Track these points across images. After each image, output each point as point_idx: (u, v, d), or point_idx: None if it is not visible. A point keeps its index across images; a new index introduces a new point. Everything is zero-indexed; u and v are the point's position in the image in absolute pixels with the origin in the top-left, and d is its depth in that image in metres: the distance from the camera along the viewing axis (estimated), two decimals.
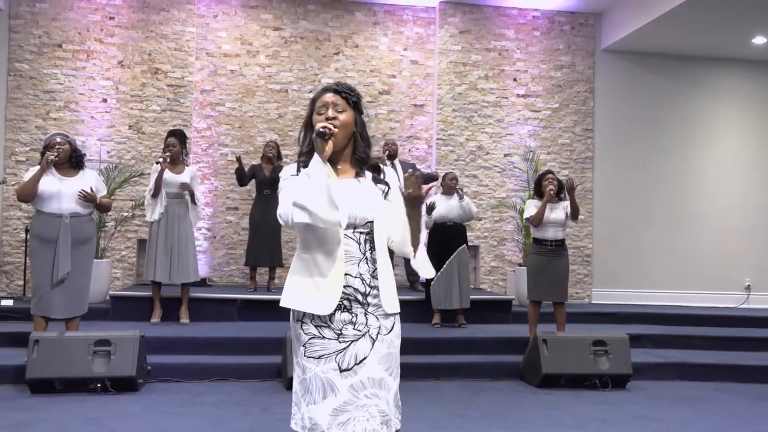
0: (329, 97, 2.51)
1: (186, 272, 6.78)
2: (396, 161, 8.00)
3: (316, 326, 2.43)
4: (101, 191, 5.56)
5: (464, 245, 7.22)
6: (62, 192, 5.32)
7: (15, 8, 8.43)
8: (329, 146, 2.39)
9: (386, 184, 2.57)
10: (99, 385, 5.17)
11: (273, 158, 7.78)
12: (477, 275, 9.18)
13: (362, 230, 2.46)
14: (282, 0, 9.05)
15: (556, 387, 5.77)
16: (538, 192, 6.52)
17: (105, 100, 8.60)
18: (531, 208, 6.50)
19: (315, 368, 2.42)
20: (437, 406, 5.11)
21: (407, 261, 8.07)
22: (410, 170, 2.54)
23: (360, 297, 2.44)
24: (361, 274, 2.44)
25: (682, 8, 7.93)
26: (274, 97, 9.00)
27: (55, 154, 5.29)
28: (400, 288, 2.59)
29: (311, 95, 8.78)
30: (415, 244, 2.53)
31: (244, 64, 8.96)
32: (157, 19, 8.70)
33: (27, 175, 5.39)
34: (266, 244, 7.78)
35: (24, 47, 8.44)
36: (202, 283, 8.41)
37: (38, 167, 5.34)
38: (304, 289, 2.45)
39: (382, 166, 2.62)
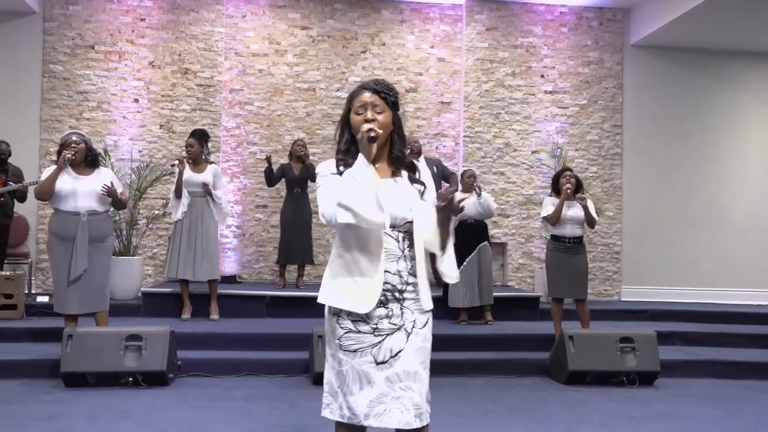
0: (368, 96, 2.50)
1: (209, 269, 6.87)
2: (421, 158, 8.01)
3: (352, 321, 2.47)
4: (118, 188, 5.62)
5: (485, 242, 7.22)
6: (79, 190, 5.39)
7: (49, 11, 8.61)
8: (374, 148, 2.42)
9: (422, 183, 2.59)
10: (130, 379, 5.28)
11: (303, 156, 7.84)
12: (505, 272, 9.16)
13: (401, 229, 2.49)
14: None
15: (582, 384, 5.75)
16: (556, 189, 6.50)
17: (136, 100, 8.74)
18: (548, 206, 6.48)
19: (351, 361, 2.46)
20: (464, 402, 5.13)
21: (433, 261, 8.13)
22: (448, 186, 2.56)
23: (397, 293, 2.47)
24: (399, 270, 2.48)
25: (712, 1, 7.84)
26: (301, 95, 9.08)
27: (72, 152, 5.37)
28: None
29: (338, 93, 8.88)
30: (443, 247, 2.55)
31: (272, 64, 9.05)
32: (187, 19, 8.82)
33: (44, 174, 5.47)
34: (297, 241, 7.85)
35: (58, 49, 8.62)
36: (232, 280, 8.53)
37: (53, 166, 5.44)
38: (343, 286, 2.48)
39: (416, 163, 2.64)
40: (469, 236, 7.13)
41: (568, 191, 6.33)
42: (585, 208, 6.33)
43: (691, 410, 5.08)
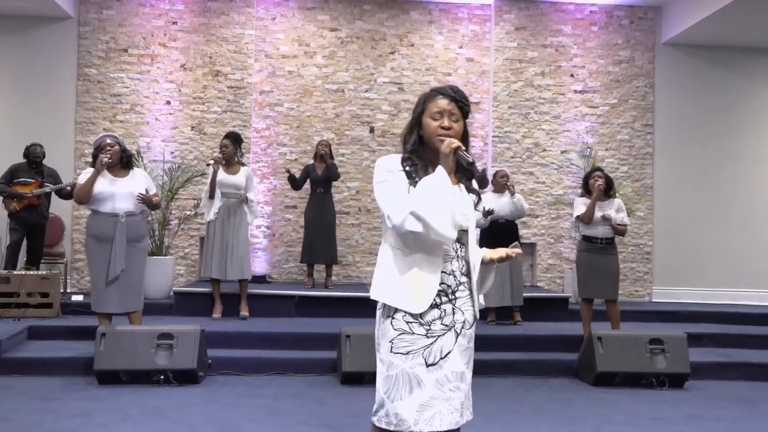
0: (445, 103, 2.51)
1: (240, 269, 6.95)
2: None
3: (406, 322, 2.47)
4: (152, 190, 5.71)
5: (516, 242, 7.21)
6: (116, 193, 5.49)
7: (84, 16, 8.78)
8: (453, 162, 2.46)
9: (477, 194, 2.63)
10: (162, 377, 5.37)
11: (325, 156, 7.90)
12: (534, 273, 9.14)
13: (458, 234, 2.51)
14: (338, 1, 9.18)
15: (611, 385, 5.72)
16: (586, 189, 6.47)
17: (168, 103, 8.88)
18: (580, 206, 6.45)
19: (402, 364, 2.46)
20: (490, 402, 5.14)
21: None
22: (515, 246, 2.57)
23: (450, 293, 2.50)
24: (453, 270, 2.51)
25: None
26: (330, 96, 9.14)
27: (108, 156, 5.48)
28: None
29: (367, 94, 8.93)
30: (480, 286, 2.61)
31: (302, 65, 9.13)
32: (218, 22, 8.94)
33: (81, 178, 5.57)
34: (321, 241, 7.91)
35: (92, 53, 8.79)
36: (262, 279, 8.62)
37: (90, 168, 5.56)
38: (398, 285, 2.49)
39: (475, 173, 2.66)
40: (500, 236, 7.11)
41: (600, 189, 6.29)
42: (613, 227, 6.30)
43: (721, 413, 5.03)
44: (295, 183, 7.94)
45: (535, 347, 6.61)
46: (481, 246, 7.38)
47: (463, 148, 2.46)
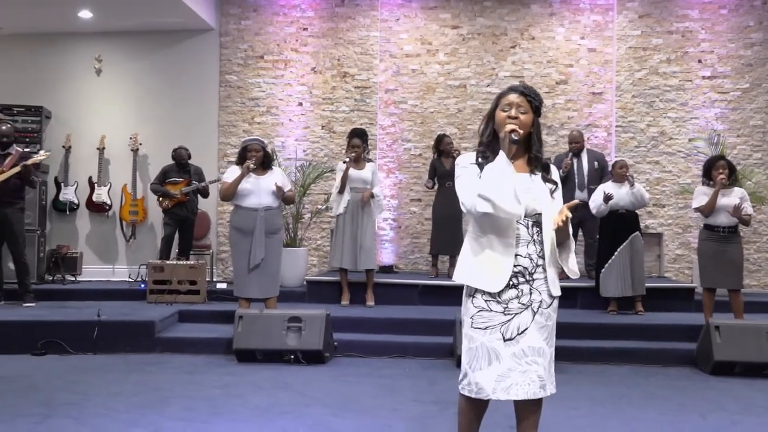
0: (515, 97, 2.79)
1: (366, 260, 7.37)
2: (583, 154, 8.11)
3: (485, 300, 2.77)
4: (287, 186, 6.37)
5: (637, 232, 7.19)
6: (257, 189, 6.20)
7: (224, 27, 9.56)
8: (514, 147, 2.72)
9: (554, 183, 2.86)
10: (292, 356, 5.89)
11: (451, 152, 8.22)
12: (661, 263, 9.00)
13: (531, 218, 2.77)
14: None
15: (729, 375, 5.67)
16: (708, 177, 6.38)
17: (300, 104, 9.50)
18: (700, 196, 6.37)
19: (481, 338, 2.77)
20: (600, 387, 5.27)
21: (586, 251, 8.13)
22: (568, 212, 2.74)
23: (527, 275, 2.76)
24: (529, 254, 2.77)
25: None
26: (453, 92, 9.42)
27: (254, 162, 6.14)
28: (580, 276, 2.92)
29: (489, 89, 9.17)
30: (564, 251, 2.82)
31: (425, 63, 9.46)
32: (345, 26, 9.45)
33: (226, 175, 6.32)
34: (449, 233, 8.21)
35: (232, 60, 9.55)
36: (389, 269, 9.06)
37: (234, 166, 6.27)
38: (477, 267, 2.78)
39: (551, 165, 2.90)
40: (621, 226, 7.15)
41: (723, 181, 6.20)
42: (739, 217, 6.20)
43: None
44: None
45: (654, 336, 6.60)
46: (602, 236, 7.48)
47: (519, 131, 2.68)
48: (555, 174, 2.90)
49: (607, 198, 6.95)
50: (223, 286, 8.30)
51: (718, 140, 8.71)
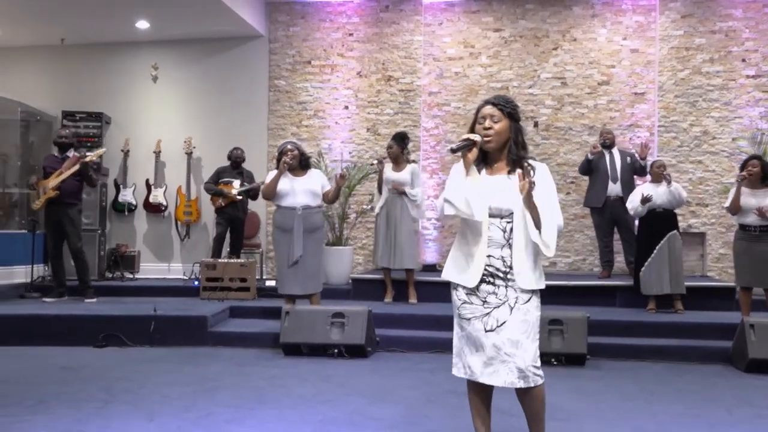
0: (488, 109, 3.07)
1: (402, 258, 7.58)
2: (614, 150, 8.24)
3: (466, 294, 3.06)
4: (326, 187, 6.63)
5: (675, 231, 7.26)
6: (295, 189, 6.46)
7: (273, 33, 9.92)
8: (472, 154, 2.99)
9: (531, 182, 2.99)
10: (336, 350, 6.18)
11: None
12: (704, 263, 9.02)
13: (508, 220, 3.00)
14: (502, 2, 9.60)
15: (764, 373, 5.72)
16: None
17: (346, 107, 9.80)
18: (731, 195, 6.44)
19: (468, 327, 3.06)
20: (631, 382, 5.39)
21: (625, 249, 8.23)
22: (527, 177, 2.94)
23: (501, 274, 3.01)
24: (502, 256, 3.01)
25: None
26: (495, 94, 9.56)
27: (290, 157, 6.40)
28: (618, 274, 3.13)
29: (531, 90, 9.38)
30: (537, 226, 2.98)
31: (467, 66, 9.66)
32: (389, 31, 9.71)
33: (268, 177, 6.62)
34: None
35: (281, 66, 9.91)
36: (433, 268, 9.27)
37: (274, 171, 6.53)
38: (457, 264, 3.10)
39: (532, 165, 3.06)
40: (658, 225, 7.23)
41: (744, 177, 6.27)
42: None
43: None
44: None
45: (691, 334, 6.66)
46: (640, 234, 7.60)
47: (473, 138, 2.95)
48: (540, 173, 3.03)
49: (645, 200, 7.05)
50: (272, 283, 8.63)
51: (761, 139, 8.70)
